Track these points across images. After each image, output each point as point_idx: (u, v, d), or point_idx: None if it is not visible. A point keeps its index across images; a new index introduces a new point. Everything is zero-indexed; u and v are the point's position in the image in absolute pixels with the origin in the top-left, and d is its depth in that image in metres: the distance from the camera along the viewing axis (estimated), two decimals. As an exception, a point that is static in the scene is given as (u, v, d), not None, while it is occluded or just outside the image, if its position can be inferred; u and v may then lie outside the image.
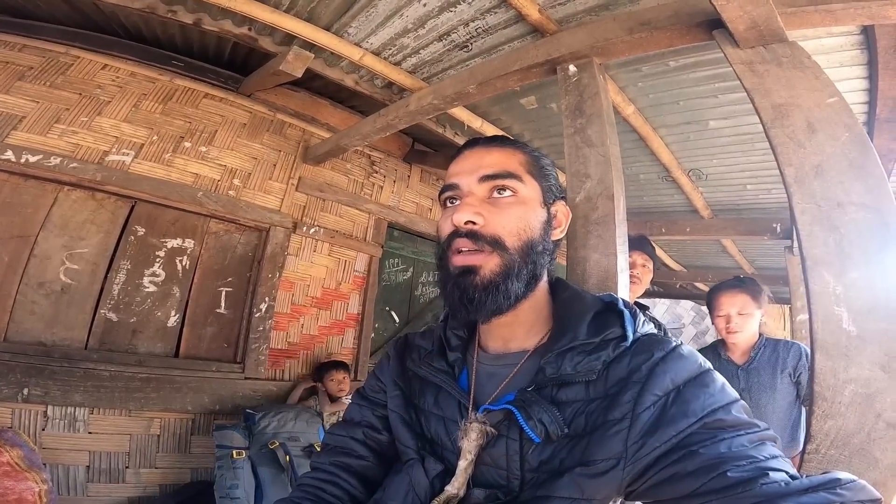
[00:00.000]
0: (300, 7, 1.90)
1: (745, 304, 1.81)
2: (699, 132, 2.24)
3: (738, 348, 1.89)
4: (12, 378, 1.92)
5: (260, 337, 2.58)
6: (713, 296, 1.90)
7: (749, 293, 1.82)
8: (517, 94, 2.22)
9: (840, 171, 0.93)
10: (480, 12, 1.68)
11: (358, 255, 3.10)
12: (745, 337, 1.84)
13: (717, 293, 1.89)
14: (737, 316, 1.81)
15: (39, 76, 2.24)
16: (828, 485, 0.45)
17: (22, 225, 2.10)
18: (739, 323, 1.81)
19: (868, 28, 1.36)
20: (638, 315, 0.68)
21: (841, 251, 0.89)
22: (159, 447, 2.26)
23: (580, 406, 0.60)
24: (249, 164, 2.72)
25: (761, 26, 1.05)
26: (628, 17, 1.39)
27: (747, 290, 1.83)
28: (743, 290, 1.83)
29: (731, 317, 1.82)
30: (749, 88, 1.07)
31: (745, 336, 1.84)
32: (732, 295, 1.84)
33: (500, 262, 0.66)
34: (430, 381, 0.74)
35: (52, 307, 2.12)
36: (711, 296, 1.91)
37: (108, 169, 2.27)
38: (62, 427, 2.03)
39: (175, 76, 2.58)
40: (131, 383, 2.18)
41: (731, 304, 1.83)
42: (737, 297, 1.83)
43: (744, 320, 1.81)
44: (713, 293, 1.91)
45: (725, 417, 0.54)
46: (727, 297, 1.85)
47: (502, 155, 0.73)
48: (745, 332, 1.82)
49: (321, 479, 0.76)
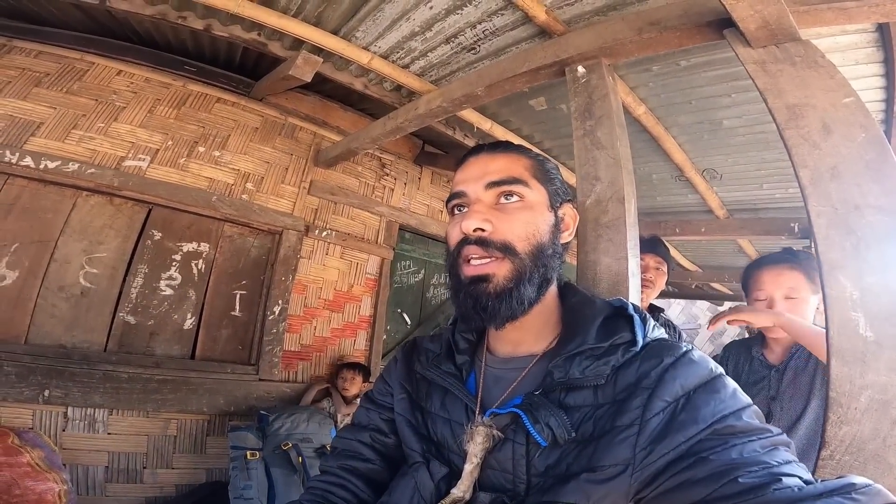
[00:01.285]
0: (308, 12, 1.92)
1: (798, 285, 1.33)
2: (713, 131, 2.20)
3: (781, 344, 1.41)
4: (33, 380, 1.97)
5: (273, 339, 2.61)
6: (753, 272, 1.44)
7: (803, 271, 1.35)
8: (526, 95, 2.21)
9: (856, 173, 0.91)
10: (487, 14, 1.68)
11: (370, 257, 3.11)
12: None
13: (760, 268, 1.43)
14: (783, 301, 1.33)
15: (56, 82, 2.29)
16: (842, 489, 0.44)
17: (42, 230, 2.15)
18: (787, 310, 1.33)
19: (883, 26, 1.33)
20: (648, 320, 0.68)
21: (858, 255, 0.87)
22: (176, 448, 2.30)
23: (588, 411, 0.60)
24: (262, 167, 2.76)
25: (773, 25, 1.03)
26: (637, 17, 1.37)
27: (801, 268, 1.36)
28: (796, 266, 1.36)
29: (774, 301, 1.34)
30: (762, 89, 1.05)
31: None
32: (780, 272, 1.36)
33: (512, 268, 0.66)
34: (437, 383, 0.74)
35: (72, 310, 2.17)
36: (751, 272, 1.46)
37: (125, 174, 2.31)
38: (82, 428, 2.08)
39: (188, 81, 2.62)
40: (149, 385, 2.23)
41: (777, 284, 1.35)
42: (786, 276, 1.35)
43: (794, 306, 1.32)
44: (753, 268, 1.46)
45: (736, 423, 0.53)
46: (773, 275, 1.37)
47: (507, 160, 0.73)
48: None
49: (330, 482, 0.77)
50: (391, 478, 0.75)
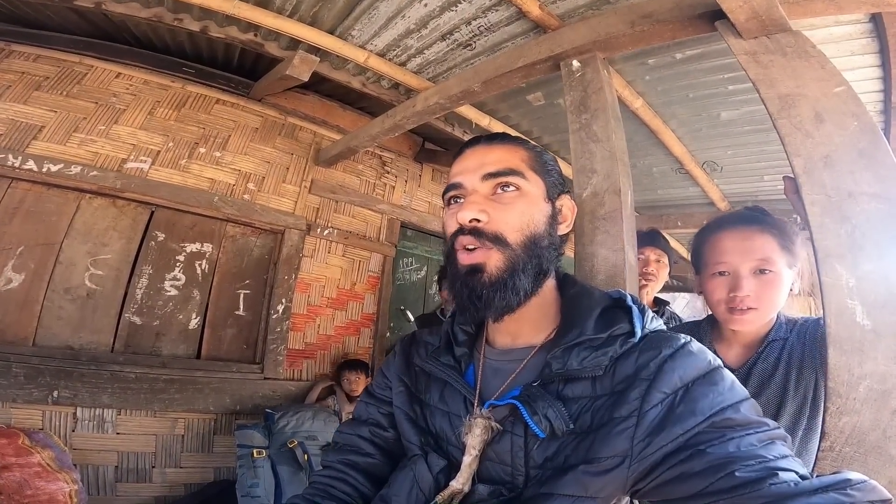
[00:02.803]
0: (303, 12, 1.92)
1: (772, 255, 0.95)
2: (711, 124, 2.20)
3: (743, 340, 1.04)
4: (42, 381, 2.00)
5: (278, 338, 2.63)
6: (708, 236, 1.05)
7: (776, 236, 0.96)
8: (524, 90, 2.21)
9: (850, 161, 0.91)
10: (482, 10, 1.68)
11: (372, 255, 3.13)
12: (763, 316, 0.98)
13: (718, 231, 1.03)
14: (752, 276, 0.96)
15: (55, 86, 2.31)
16: (838, 485, 0.45)
17: (46, 233, 2.17)
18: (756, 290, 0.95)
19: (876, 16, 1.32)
20: (646, 311, 0.68)
21: (853, 243, 0.87)
22: (184, 447, 2.32)
23: (586, 403, 0.60)
24: (263, 167, 2.77)
25: (763, 16, 1.03)
26: (629, 11, 1.37)
27: (774, 232, 0.97)
28: (767, 229, 0.97)
29: (741, 276, 0.96)
30: (754, 79, 1.05)
31: (763, 315, 0.97)
32: (748, 235, 0.98)
33: (503, 258, 0.66)
34: (436, 376, 0.74)
35: (79, 312, 2.20)
36: (705, 237, 1.06)
37: (128, 176, 2.33)
38: (91, 428, 2.11)
39: (187, 83, 2.64)
40: (156, 384, 2.25)
41: (745, 253, 0.97)
42: (756, 241, 0.97)
43: (767, 284, 0.95)
44: (708, 232, 1.06)
45: (734, 416, 0.53)
46: (737, 239, 0.99)
47: (504, 152, 0.73)
48: (766, 307, 0.96)
49: (331, 477, 0.78)
50: (391, 471, 0.76)
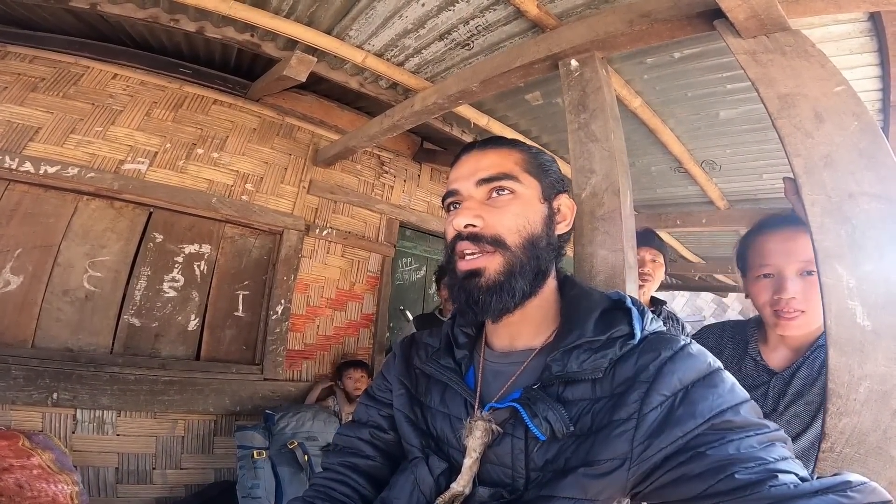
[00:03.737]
0: (300, 12, 1.91)
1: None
2: (710, 123, 2.19)
3: (791, 344, 1.03)
4: (41, 383, 1.99)
5: (277, 339, 2.63)
6: (753, 239, 1.05)
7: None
8: (522, 90, 2.20)
9: (850, 161, 0.90)
10: (479, 10, 1.67)
11: (371, 255, 3.12)
12: (812, 320, 0.95)
13: (762, 233, 1.02)
14: (798, 278, 0.94)
15: (52, 87, 2.30)
16: (838, 487, 0.45)
17: (44, 235, 2.17)
18: (803, 292, 0.93)
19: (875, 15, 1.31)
20: (646, 312, 0.68)
21: (853, 243, 0.87)
22: (184, 448, 2.32)
23: (586, 405, 0.61)
24: (261, 168, 2.76)
25: (762, 15, 1.02)
26: (627, 9, 1.36)
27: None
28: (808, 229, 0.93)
29: (786, 278, 0.95)
30: (753, 79, 1.04)
31: (812, 319, 0.95)
32: (791, 236, 0.96)
33: (503, 261, 0.67)
34: (436, 378, 0.74)
35: (78, 314, 2.20)
36: (750, 240, 1.06)
37: (125, 177, 2.33)
38: (91, 430, 2.11)
39: (184, 83, 2.63)
40: (155, 386, 2.25)
41: (789, 254, 0.95)
42: (801, 242, 0.94)
43: (813, 287, 0.91)
44: (753, 235, 1.06)
45: (734, 418, 0.53)
46: (781, 240, 0.97)
47: (498, 156, 0.74)
48: (814, 310, 0.92)
49: (331, 479, 0.78)
50: (392, 473, 0.76)
